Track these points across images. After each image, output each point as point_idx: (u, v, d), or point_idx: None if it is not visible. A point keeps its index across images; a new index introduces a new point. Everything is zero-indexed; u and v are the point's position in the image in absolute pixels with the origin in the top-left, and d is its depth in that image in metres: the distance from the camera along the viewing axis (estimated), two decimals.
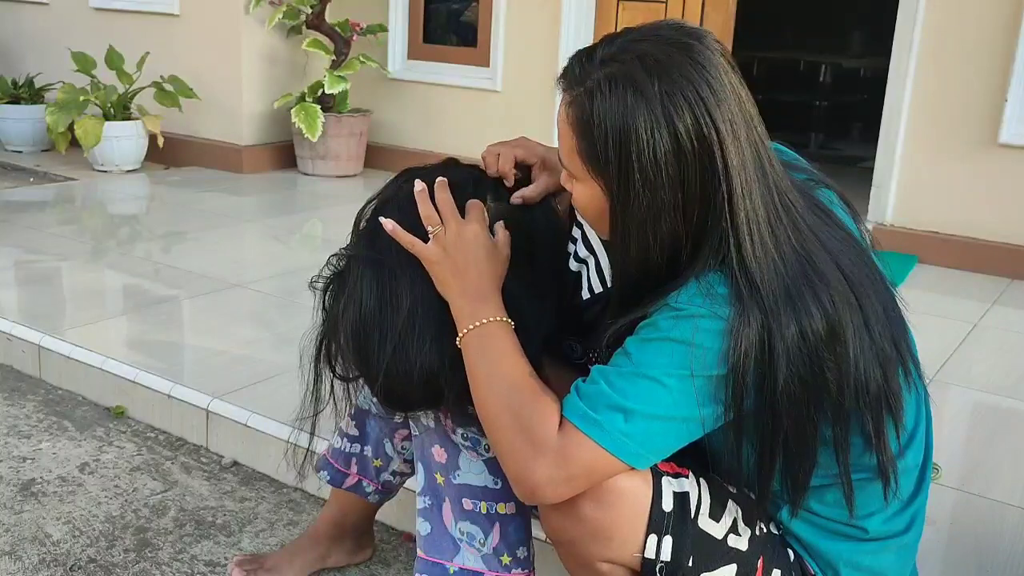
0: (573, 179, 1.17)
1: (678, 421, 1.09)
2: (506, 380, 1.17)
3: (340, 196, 4.72)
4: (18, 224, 3.93)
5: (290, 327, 2.82)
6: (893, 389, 1.13)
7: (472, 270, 1.24)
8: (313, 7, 4.96)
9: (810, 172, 1.27)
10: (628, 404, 1.08)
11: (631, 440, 1.08)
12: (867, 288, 1.13)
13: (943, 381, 2.61)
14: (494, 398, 1.16)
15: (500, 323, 1.21)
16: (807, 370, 1.07)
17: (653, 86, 1.05)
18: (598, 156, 1.09)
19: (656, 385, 1.08)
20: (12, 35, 6.00)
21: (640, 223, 1.10)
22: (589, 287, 1.30)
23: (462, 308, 1.23)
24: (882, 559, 1.24)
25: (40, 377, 2.64)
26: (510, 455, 1.13)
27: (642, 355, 1.09)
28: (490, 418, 1.17)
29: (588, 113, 1.09)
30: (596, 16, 4.69)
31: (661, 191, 1.07)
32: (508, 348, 1.20)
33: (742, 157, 1.08)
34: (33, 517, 1.95)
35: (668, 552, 1.15)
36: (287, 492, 2.10)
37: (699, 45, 1.09)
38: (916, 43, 3.78)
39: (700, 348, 1.06)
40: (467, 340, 1.22)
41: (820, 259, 1.11)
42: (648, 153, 1.06)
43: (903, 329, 1.18)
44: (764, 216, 1.10)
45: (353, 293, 1.28)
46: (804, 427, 1.10)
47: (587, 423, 1.09)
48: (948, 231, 3.84)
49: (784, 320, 1.06)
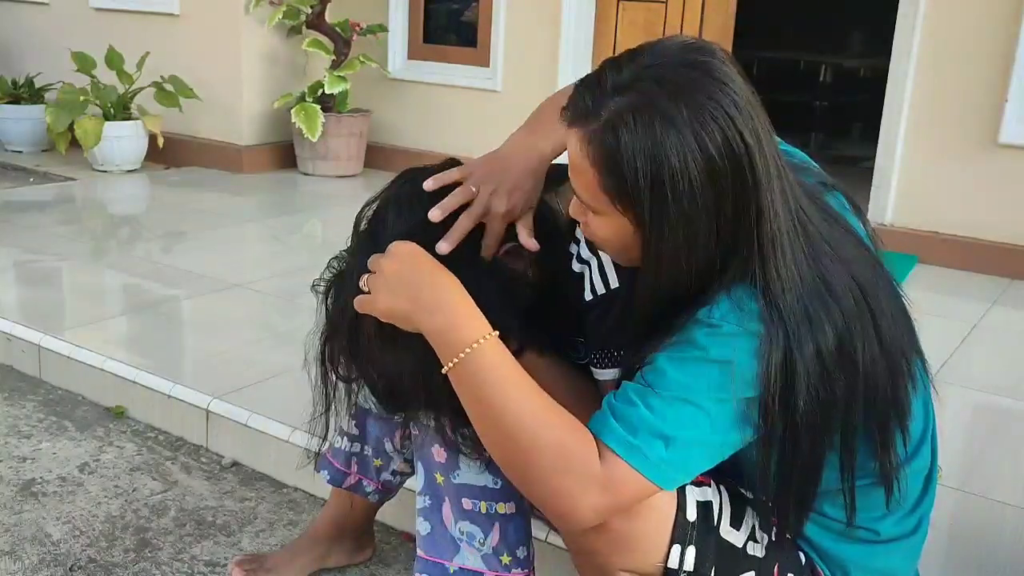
0: (590, 212, 1.12)
1: (715, 446, 1.08)
2: (527, 413, 1.08)
3: (340, 196, 4.72)
4: (18, 224, 3.93)
5: (290, 327, 2.82)
6: (900, 398, 1.13)
7: (423, 290, 1.13)
8: (313, 7, 4.96)
9: (819, 175, 1.26)
10: (668, 431, 1.05)
11: (671, 467, 1.06)
12: (879, 295, 1.12)
13: (943, 381, 2.61)
14: (520, 435, 1.07)
15: (488, 343, 1.11)
16: (822, 388, 1.06)
17: (681, 112, 1.01)
18: (628, 191, 1.04)
19: (697, 411, 1.05)
20: (12, 35, 6.00)
21: (674, 251, 1.06)
22: (592, 288, 1.30)
23: (439, 337, 1.11)
24: (890, 560, 1.25)
25: (40, 377, 2.64)
26: (553, 495, 1.07)
27: (680, 376, 1.06)
28: (517, 453, 1.08)
29: (615, 148, 1.03)
30: (596, 16, 4.69)
31: (697, 218, 1.04)
32: (510, 373, 1.10)
33: (768, 171, 1.05)
34: (33, 517, 1.95)
35: (691, 562, 1.15)
36: (287, 492, 2.10)
37: (714, 61, 1.04)
38: (916, 43, 3.78)
39: (738, 369, 1.04)
40: (459, 375, 1.11)
41: (833, 272, 1.10)
42: (683, 182, 1.01)
43: (911, 333, 1.18)
44: (786, 232, 1.08)
45: (353, 295, 1.28)
46: (818, 445, 1.09)
47: (628, 451, 1.05)
48: (948, 231, 3.84)
49: (803, 338, 1.05)
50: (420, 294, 1.13)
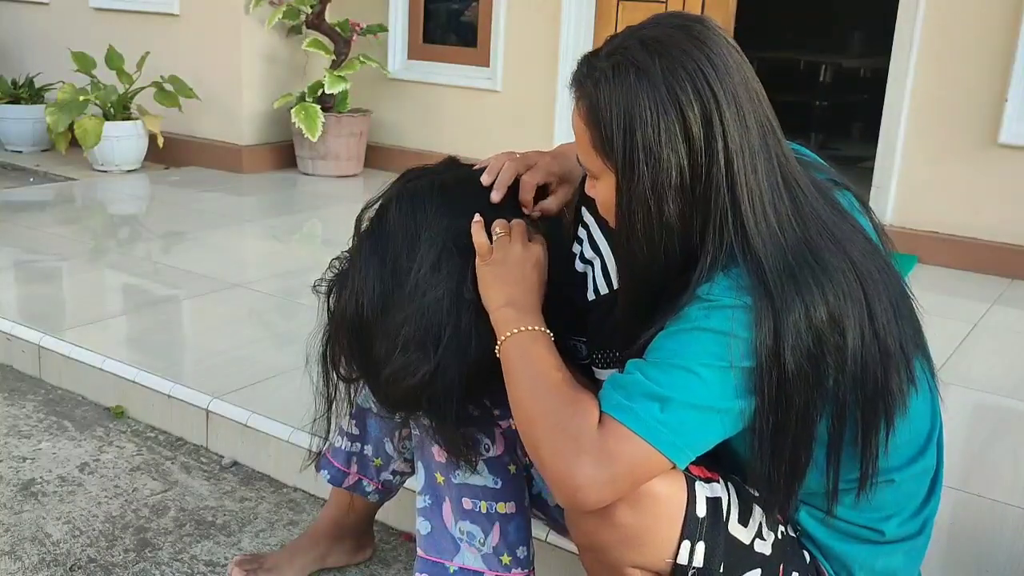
0: (595, 180, 1.17)
1: (713, 412, 1.08)
2: (546, 382, 1.15)
3: (340, 196, 4.72)
4: (18, 224, 3.93)
5: (290, 327, 2.82)
6: (891, 388, 1.12)
7: (522, 285, 1.25)
8: (313, 7, 4.96)
9: (830, 173, 1.27)
10: (663, 392, 1.07)
11: (666, 428, 1.06)
12: (877, 282, 1.12)
13: (943, 381, 2.57)
14: (533, 401, 1.15)
15: (543, 332, 1.21)
16: (810, 359, 1.06)
17: (655, 64, 1.07)
18: (607, 139, 1.10)
19: (689, 374, 1.07)
20: (12, 35, 6.00)
21: (644, 201, 1.09)
22: (595, 288, 1.30)
23: (506, 314, 1.23)
24: (894, 561, 1.25)
25: (40, 377, 2.64)
26: (551, 457, 1.10)
27: (674, 344, 1.09)
28: (529, 420, 1.14)
29: (595, 100, 1.10)
30: (596, 16, 4.69)
31: (666, 167, 1.08)
32: (549, 353, 1.19)
33: (744, 130, 1.09)
34: (33, 517, 1.95)
35: (700, 558, 1.15)
36: (287, 492, 2.10)
37: (699, 26, 1.11)
38: (916, 43, 3.78)
39: (734, 338, 1.06)
40: (509, 344, 1.21)
41: (823, 246, 1.10)
42: (652, 130, 1.07)
43: (914, 330, 1.18)
44: (768, 192, 1.10)
45: (354, 294, 1.28)
46: (807, 423, 1.09)
47: (622, 412, 1.07)
48: (948, 231, 3.84)
49: (790, 298, 1.06)
50: (518, 285, 1.25)
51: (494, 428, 1.39)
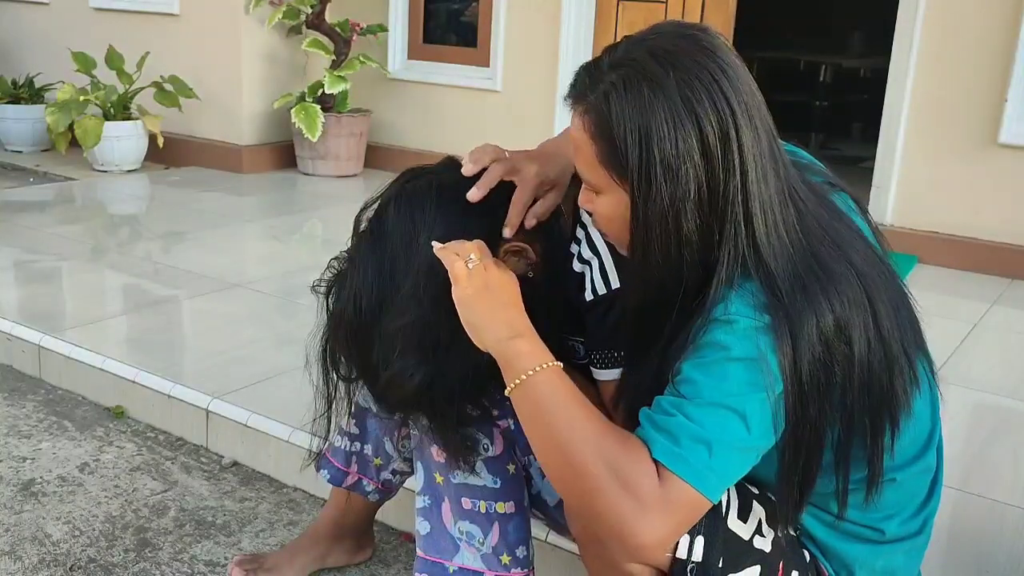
0: (594, 193, 1.14)
1: (754, 451, 1.07)
2: (589, 431, 1.07)
3: (340, 196, 4.72)
4: (18, 224, 3.93)
5: (290, 327, 2.82)
6: (896, 391, 1.12)
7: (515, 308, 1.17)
8: (313, 7, 4.96)
9: (825, 175, 1.27)
10: (708, 435, 1.04)
11: (715, 474, 1.05)
12: (879, 286, 1.12)
13: (943, 381, 2.58)
14: (581, 454, 1.06)
15: (560, 365, 1.13)
16: (822, 369, 1.06)
17: (668, 76, 1.05)
18: (620, 155, 1.07)
19: (731, 414, 1.05)
20: (12, 35, 6.00)
21: (662, 217, 1.07)
22: (592, 288, 1.30)
23: (518, 347, 1.13)
24: (894, 560, 1.25)
25: (40, 377, 2.64)
26: (608, 511, 1.04)
27: (709, 380, 1.06)
28: (573, 468, 1.07)
29: (607, 116, 1.07)
30: (596, 16, 4.69)
31: (684, 182, 1.05)
32: (578, 390, 1.11)
33: (756, 140, 1.07)
34: (33, 517, 1.95)
35: (700, 552, 1.15)
36: (287, 492, 2.10)
37: (705, 35, 1.09)
38: (916, 43, 3.78)
39: (764, 362, 1.04)
40: (536, 383, 1.11)
41: (826, 254, 1.10)
42: (670, 144, 1.04)
43: (915, 330, 1.18)
44: (777, 202, 1.09)
45: (353, 295, 1.28)
46: (819, 433, 1.09)
47: (676, 462, 1.04)
48: (948, 231, 3.84)
49: (802, 316, 1.05)
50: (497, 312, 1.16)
51: (493, 428, 1.39)
